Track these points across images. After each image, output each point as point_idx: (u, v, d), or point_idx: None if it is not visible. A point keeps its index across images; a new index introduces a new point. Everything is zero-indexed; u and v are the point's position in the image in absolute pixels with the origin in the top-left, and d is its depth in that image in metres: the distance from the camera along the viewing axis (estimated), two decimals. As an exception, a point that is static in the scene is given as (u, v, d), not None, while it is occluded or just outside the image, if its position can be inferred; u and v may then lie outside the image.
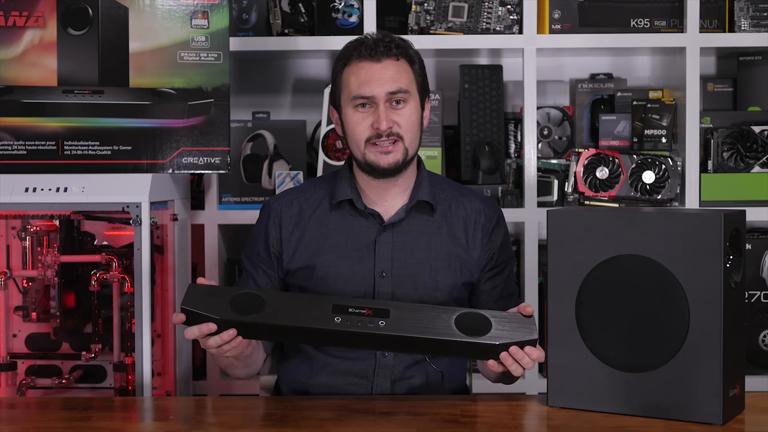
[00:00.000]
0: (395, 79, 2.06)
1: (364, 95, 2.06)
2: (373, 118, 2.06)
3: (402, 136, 2.07)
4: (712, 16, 2.91)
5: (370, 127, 2.06)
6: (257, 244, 2.18)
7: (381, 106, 2.05)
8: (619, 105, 3.01)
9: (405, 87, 2.07)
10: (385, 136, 2.05)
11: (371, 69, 2.06)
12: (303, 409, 1.86)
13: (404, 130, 2.07)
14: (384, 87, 2.05)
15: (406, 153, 2.08)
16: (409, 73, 2.09)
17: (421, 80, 2.13)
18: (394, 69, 2.07)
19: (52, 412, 1.93)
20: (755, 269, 2.85)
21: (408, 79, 2.08)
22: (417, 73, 2.11)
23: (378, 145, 2.06)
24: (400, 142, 2.07)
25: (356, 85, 2.07)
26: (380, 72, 2.06)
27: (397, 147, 2.07)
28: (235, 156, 2.89)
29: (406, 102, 2.07)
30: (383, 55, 2.07)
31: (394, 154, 2.07)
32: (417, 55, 2.13)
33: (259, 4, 2.92)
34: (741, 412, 1.81)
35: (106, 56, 2.52)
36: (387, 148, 2.06)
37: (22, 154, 2.51)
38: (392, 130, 2.06)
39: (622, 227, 1.79)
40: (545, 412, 1.84)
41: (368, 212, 2.13)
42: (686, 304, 1.73)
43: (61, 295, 2.57)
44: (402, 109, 2.07)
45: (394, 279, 2.10)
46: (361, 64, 2.07)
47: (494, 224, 2.19)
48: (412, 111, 2.09)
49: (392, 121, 2.06)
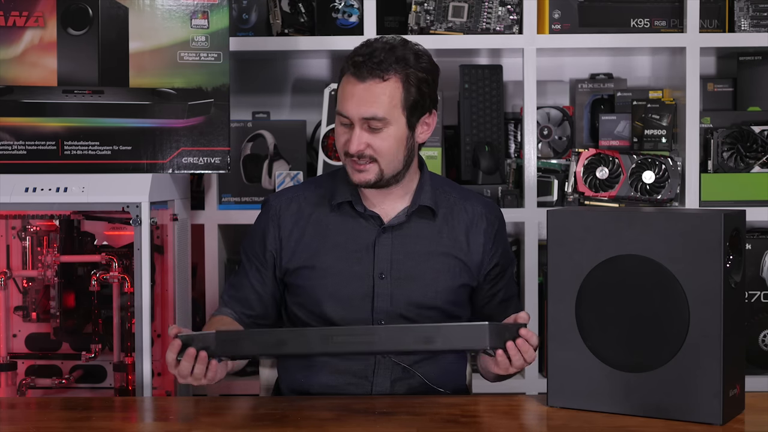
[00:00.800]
0: (373, 103, 2.00)
1: (342, 113, 2.03)
2: (349, 136, 2.03)
3: (375, 159, 2.03)
4: (712, 16, 2.91)
5: (346, 143, 2.04)
6: (254, 241, 2.18)
7: (356, 128, 2.02)
8: (619, 105, 3.01)
9: (381, 114, 2.00)
10: (357, 157, 2.03)
11: (354, 88, 2.01)
12: (303, 409, 1.86)
13: (378, 154, 2.03)
14: (358, 111, 2.01)
15: (382, 174, 2.05)
16: (394, 95, 2.01)
17: (416, 99, 2.04)
18: (376, 92, 2.00)
19: (52, 412, 1.93)
20: (755, 269, 2.85)
21: (389, 104, 2.01)
22: (409, 93, 2.03)
23: (353, 160, 2.04)
24: (374, 164, 2.04)
25: (340, 99, 2.04)
26: (360, 93, 2.00)
27: (371, 168, 2.04)
28: (235, 156, 2.89)
29: (383, 127, 2.02)
30: (368, 74, 2.00)
31: (366, 174, 2.04)
32: (422, 72, 2.04)
33: (259, 4, 2.92)
34: (741, 412, 1.81)
35: (106, 56, 2.52)
36: (361, 167, 2.04)
37: (22, 154, 2.51)
38: (364, 152, 2.02)
39: (622, 227, 1.79)
40: (545, 412, 1.84)
41: (368, 214, 2.12)
42: (686, 304, 1.73)
43: (61, 295, 2.57)
44: (379, 133, 2.02)
45: (393, 281, 2.10)
46: (349, 78, 2.03)
47: (496, 229, 2.18)
48: (389, 136, 2.02)
49: (365, 144, 2.02)
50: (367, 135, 2.02)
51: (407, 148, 2.07)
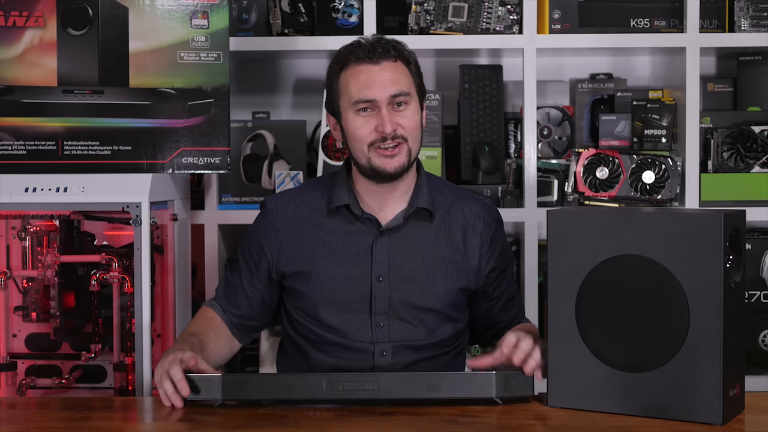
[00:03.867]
0: (395, 81, 2.05)
1: (366, 99, 2.04)
2: (377, 121, 2.04)
3: (406, 138, 2.05)
4: (712, 16, 2.91)
5: (373, 131, 2.04)
6: (251, 243, 2.18)
7: (384, 110, 2.04)
8: (619, 105, 3.01)
9: (406, 89, 2.05)
10: (390, 139, 2.04)
11: (370, 72, 2.04)
12: (303, 409, 1.86)
13: (408, 132, 2.05)
14: (386, 90, 2.03)
15: (410, 154, 2.07)
16: (407, 74, 2.08)
17: (419, 81, 2.11)
18: (393, 71, 2.05)
19: (52, 412, 1.93)
20: (755, 269, 2.85)
21: (407, 81, 2.07)
22: (414, 74, 2.10)
23: (382, 149, 2.04)
24: (405, 144, 2.05)
25: (356, 89, 2.04)
26: (380, 74, 2.04)
27: (402, 149, 2.05)
28: (235, 156, 2.89)
29: (407, 104, 2.06)
30: (381, 57, 2.05)
31: (399, 158, 2.05)
32: (412, 55, 2.12)
33: (259, 4, 2.92)
34: (741, 412, 1.80)
35: (106, 56, 2.52)
36: (392, 152, 2.04)
37: (22, 154, 2.51)
38: (397, 132, 2.04)
39: (622, 227, 1.79)
40: (545, 412, 1.84)
41: (365, 217, 2.12)
42: (686, 304, 1.73)
43: (61, 295, 2.57)
44: (404, 110, 2.05)
45: (391, 284, 2.10)
46: (360, 67, 2.05)
47: (493, 231, 2.18)
48: (413, 112, 2.07)
49: (396, 124, 2.04)
50: (395, 115, 2.05)
51: (422, 129, 2.12)
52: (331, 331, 2.11)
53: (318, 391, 1.84)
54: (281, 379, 1.90)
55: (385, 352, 2.09)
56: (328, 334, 2.11)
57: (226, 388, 1.85)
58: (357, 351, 2.10)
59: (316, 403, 1.87)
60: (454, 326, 2.15)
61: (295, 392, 1.85)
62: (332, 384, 1.84)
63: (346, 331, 2.10)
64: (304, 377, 1.91)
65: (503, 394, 1.85)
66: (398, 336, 2.10)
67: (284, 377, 1.92)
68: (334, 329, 2.10)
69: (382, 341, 2.09)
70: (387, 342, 2.09)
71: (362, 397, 1.85)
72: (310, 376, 1.91)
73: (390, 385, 1.85)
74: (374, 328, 2.09)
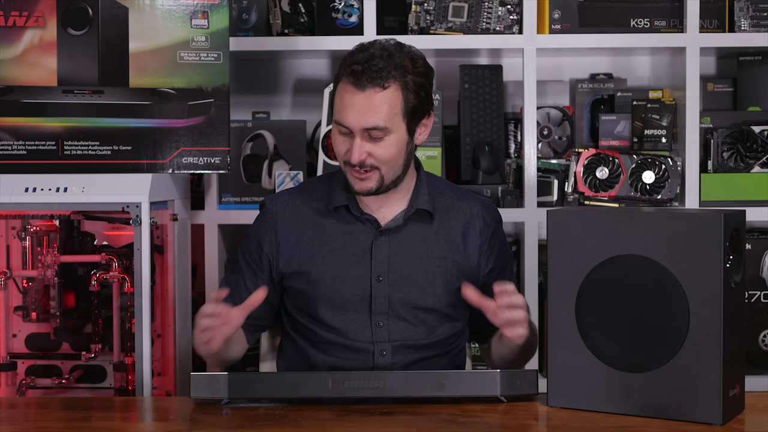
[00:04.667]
0: (374, 112, 1.98)
1: (341, 123, 2.01)
2: (349, 145, 2.01)
3: (377, 167, 2.02)
4: (712, 16, 2.91)
5: (347, 152, 2.02)
6: (251, 244, 2.18)
7: (357, 138, 2.00)
8: (619, 105, 3.01)
9: (383, 124, 1.98)
10: (358, 166, 2.02)
11: (353, 97, 1.98)
12: (303, 409, 1.86)
13: (380, 162, 2.01)
14: (359, 121, 1.98)
15: (382, 181, 2.04)
16: (394, 103, 2.00)
17: (416, 105, 2.03)
18: (377, 101, 1.98)
19: (52, 412, 1.93)
20: (755, 269, 2.85)
21: (390, 112, 1.99)
22: (407, 100, 2.01)
23: (353, 169, 2.03)
24: (376, 171, 2.02)
25: (338, 108, 2.01)
26: (360, 102, 1.98)
27: (372, 176, 2.03)
28: (235, 156, 2.89)
29: (384, 137, 2.00)
30: (368, 83, 1.97)
31: (368, 182, 2.03)
32: (420, 76, 2.03)
33: (259, 4, 2.92)
34: (741, 412, 1.80)
35: (106, 56, 2.52)
36: (362, 176, 2.02)
37: (22, 154, 2.51)
38: (365, 161, 2.00)
39: (622, 227, 1.79)
40: (545, 412, 1.84)
41: (365, 217, 2.12)
42: (686, 304, 1.73)
43: (61, 295, 2.57)
44: (380, 142, 2.00)
45: (390, 283, 2.10)
46: (347, 87, 2.00)
47: (493, 230, 2.18)
48: (391, 144, 2.01)
49: (366, 153, 2.00)
50: (368, 144, 2.00)
51: (407, 153, 2.06)
52: (331, 331, 2.11)
53: (324, 390, 1.85)
54: (287, 378, 1.90)
55: (385, 352, 2.09)
56: (328, 333, 2.11)
57: (232, 386, 1.85)
58: (357, 351, 2.10)
59: (321, 402, 1.87)
60: (454, 326, 2.15)
61: (301, 390, 1.85)
62: (338, 382, 1.85)
63: (345, 330, 2.10)
64: (310, 375, 1.91)
65: (507, 393, 1.85)
66: (398, 335, 2.10)
67: (290, 375, 1.93)
68: (334, 329, 2.10)
69: (381, 341, 2.09)
70: (387, 342, 2.09)
71: (367, 395, 1.85)
72: (315, 375, 1.92)
73: (395, 383, 1.85)
74: (374, 328, 2.09)
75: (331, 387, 1.85)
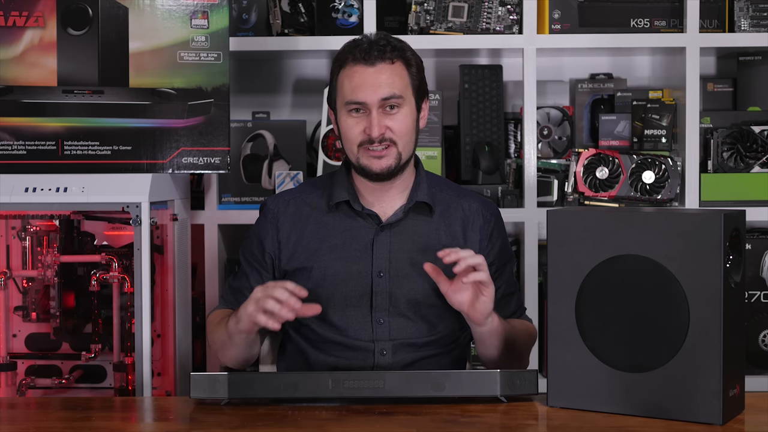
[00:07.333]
0: (389, 84, 2.05)
1: (357, 101, 2.05)
2: (366, 123, 2.05)
3: (395, 141, 2.06)
4: (712, 16, 2.91)
5: (362, 132, 2.06)
6: (253, 244, 2.19)
7: (373, 112, 2.04)
8: (619, 105, 3.01)
9: (399, 92, 2.05)
10: (378, 141, 2.05)
11: (364, 73, 2.05)
12: (303, 409, 1.86)
13: (397, 136, 2.06)
14: (377, 93, 2.04)
15: (400, 158, 2.07)
16: (404, 76, 2.08)
17: (418, 83, 2.11)
18: (389, 73, 2.05)
19: (52, 412, 1.93)
20: (755, 269, 2.85)
21: (402, 84, 2.07)
22: (413, 76, 2.09)
23: (371, 149, 2.05)
24: (393, 147, 2.06)
25: (349, 89, 2.06)
26: (373, 77, 2.05)
27: (390, 152, 2.06)
28: (235, 156, 2.89)
29: (399, 107, 2.06)
30: (377, 58, 2.05)
31: (386, 159, 2.06)
32: (415, 56, 2.12)
33: (259, 4, 2.92)
34: (741, 412, 1.80)
35: (106, 56, 2.52)
36: (380, 153, 2.06)
37: (22, 154, 2.51)
38: (385, 135, 2.05)
39: (622, 227, 1.79)
40: (545, 412, 1.84)
41: (366, 213, 2.13)
42: (686, 304, 1.73)
43: (61, 295, 2.57)
44: (395, 114, 2.06)
45: (391, 279, 2.10)
46: (355, 67, 2.06)
47: (492, 227, 2.19)
48: (406, 116, 2.07)
49: (384, 127, 2.05)
50: (385, 118, 2.05)
51: (416, 132, 2.11)
52: (331, 329, 2.11)
53: (324, 390, 1.85)
54: (287, 378, 1.90)
55: (385, 351, 2.09)
56: (328, 332, 2.11)
57: (232, 386, 1.85)
58: (357, 350, 2.10)
59: (321, 402, 1.87)
60: (454, 322, 2.15)
61: (301, 390, 1.85)
62: (338, 382, 1.85)
63: (345, 328, 2.10)
64: (310, 375, 1.91)
65: (507, 393, 1.85)
66: (399, 333, 2.10)
67: (290, 375, 1.93)
68: (334, 327, 2.10)
69: (382, 339, 2.10)
70: (387, 340, 2.10)
71: (368, 395, 1.85)
72: (315, 375, 1.92)
73: (395, 383, 1.86)
74: (374, 325, 2.09)
75: (331, 387, 1.85)
